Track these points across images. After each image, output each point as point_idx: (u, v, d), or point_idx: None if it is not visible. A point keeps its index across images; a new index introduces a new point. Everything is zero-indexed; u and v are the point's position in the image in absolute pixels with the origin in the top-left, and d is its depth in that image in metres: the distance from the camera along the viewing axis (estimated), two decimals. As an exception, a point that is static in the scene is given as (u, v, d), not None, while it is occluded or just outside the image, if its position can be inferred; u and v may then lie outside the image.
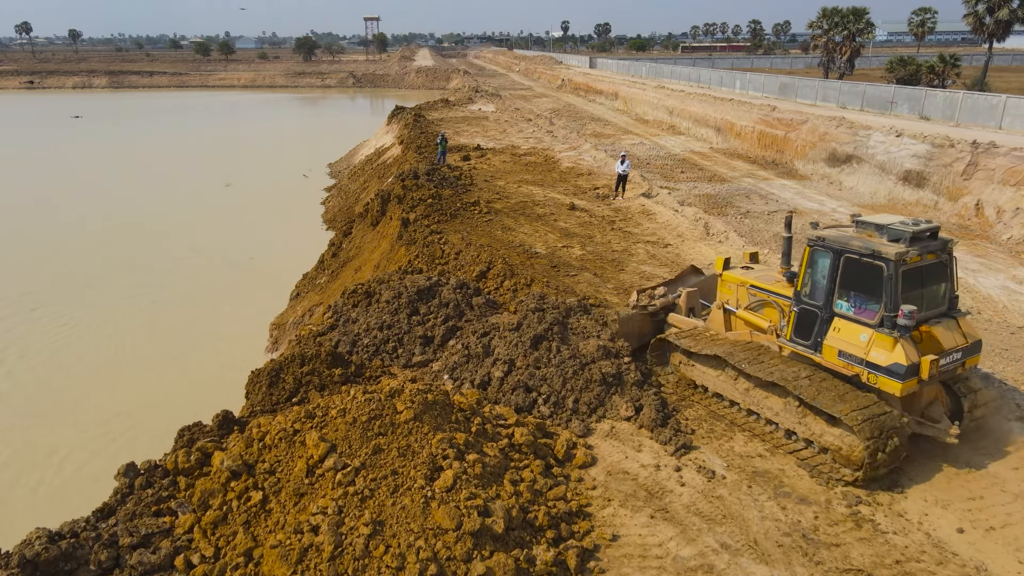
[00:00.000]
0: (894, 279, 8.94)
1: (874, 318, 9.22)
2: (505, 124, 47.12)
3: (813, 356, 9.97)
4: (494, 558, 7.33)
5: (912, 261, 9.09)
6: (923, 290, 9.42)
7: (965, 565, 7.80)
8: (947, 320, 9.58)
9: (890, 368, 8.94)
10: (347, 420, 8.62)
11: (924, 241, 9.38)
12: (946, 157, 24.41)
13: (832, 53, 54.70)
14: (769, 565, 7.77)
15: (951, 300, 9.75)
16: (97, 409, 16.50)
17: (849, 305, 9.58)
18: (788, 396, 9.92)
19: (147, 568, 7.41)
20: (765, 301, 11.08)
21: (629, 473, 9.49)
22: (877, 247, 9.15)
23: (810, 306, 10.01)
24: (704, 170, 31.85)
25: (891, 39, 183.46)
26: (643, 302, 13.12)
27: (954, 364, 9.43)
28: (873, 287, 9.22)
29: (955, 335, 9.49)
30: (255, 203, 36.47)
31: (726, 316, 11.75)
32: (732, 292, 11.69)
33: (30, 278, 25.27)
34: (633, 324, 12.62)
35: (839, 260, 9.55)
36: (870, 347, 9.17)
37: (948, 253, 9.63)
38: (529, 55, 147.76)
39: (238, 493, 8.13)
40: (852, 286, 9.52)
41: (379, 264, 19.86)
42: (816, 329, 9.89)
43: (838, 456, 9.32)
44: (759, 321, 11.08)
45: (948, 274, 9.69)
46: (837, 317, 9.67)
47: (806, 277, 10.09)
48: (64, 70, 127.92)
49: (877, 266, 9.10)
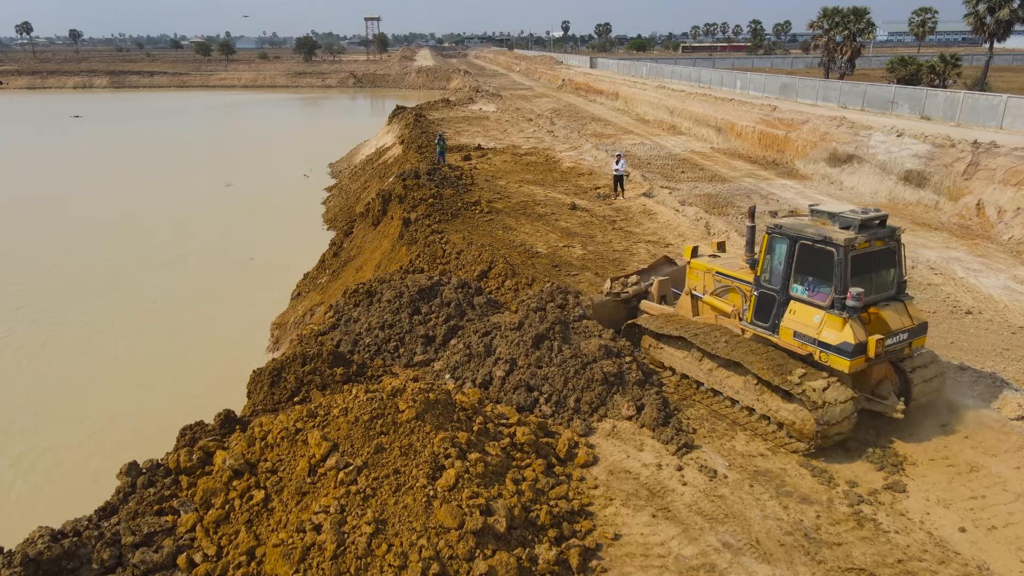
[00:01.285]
0: (844, 263, 9.50)
1: (826, 300, 9.75)
2: (506, 124, 47.12)
3: (771, 337, 10.50)
4: (496, 557, 7.33)
5: (861, 247, 9.64)
6: (872, 274, 9.98)
7: (967, 564, 7.80)
8: (895, 303, 10.15)
9: (839, 347, 9.53)
10: (349, 419, 8.62)
11: (873, 229, 9.92)
12: (947, 157, 24.40)
13: (833, 53, 54.66)
14: (771, 564, 7.77)
15: (899, 284, 10.33)
16: (99, 408, 16.51)
17: (804, 289, 10.13)
18: (747, 375, 10.52)
19: (149, 567, 7.41)
20: (729, 287, 11.63)
21: (631, 472, 9.49)
22: (829, 234, 9.69)
23: (769, 290, 10.57)
24: (705, 170, 31.86)
25: (892, 39, 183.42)
26: (616, 289, 13.68)
27: (900, 344, 10.01)
28: (825, 271, 9.77)
29: (902, 317, 10.06)
30: (256, 203, 36.49)
31: (693, 301, 12.35)
32: (699, 279, 12.26)
33: (30, 278, 25.30)
34: (606, 310, 13.19)
35: (795, 246, 10.10)
36: (822, 327, 9.76)
37: (896, 240, 10.20)
38: (530, 55, 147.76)
39: (240, 492, 8.13)
40: (806, 271, 10.07)
41: (380, 264, 19.88)
42: (774, 312, 10.44)
43: (792, 429, 9.91)
44: (723, 306, 11.65)
45: (896, 260, 10.27)
46: (793, 300, 10.23)
47: (765, 263, 10.65)
48: (65, 70, 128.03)
49: (828, 251, 9.65)
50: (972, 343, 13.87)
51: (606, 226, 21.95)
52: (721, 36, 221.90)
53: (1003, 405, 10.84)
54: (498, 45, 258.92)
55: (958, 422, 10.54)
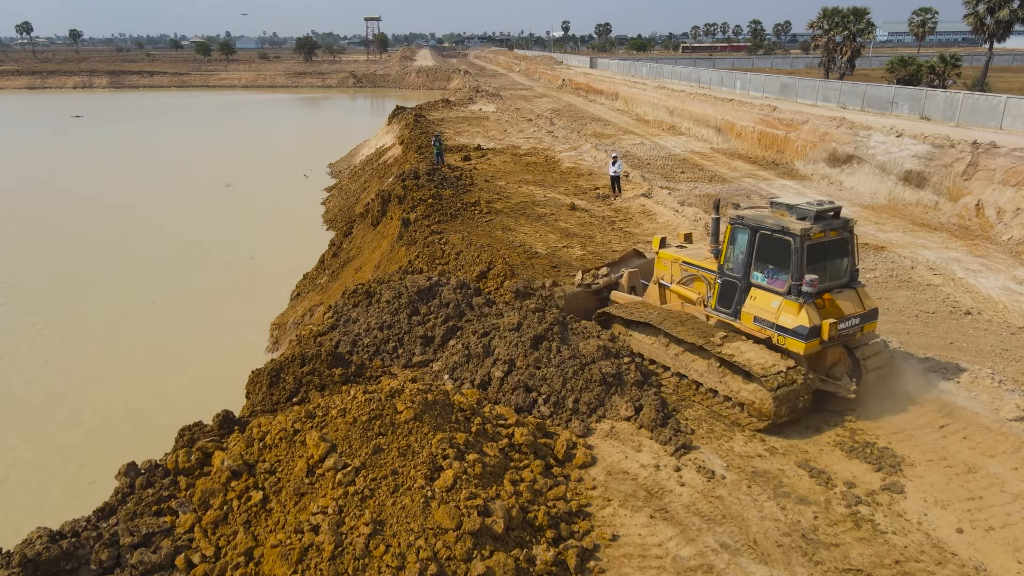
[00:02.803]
0: (800, 252, 10.10)
1: (783, 287, 10.37)
2: (506, 124, 47.12)
3: (733, 323, 11.12)
4: (494, 558, 7.34)
5: (816, 237, 10.23)
6: (826, 263, 10.55)
7: (964, 565, 7.81)
8: (848, 290, 10.78)
9: (795, 330, 10.17)
10: (347, 420, 8.63)
11: (827, 220, 10.52)
12: (946, 157, 24.41)
13: (832, 53, 54.64)
14: (768, 565, 7.78)
15: (852, 272, 10.93)
16: (98, 409, 16.52)
17: (763, 276, 10.73)
18: (710, 358, 11.00)
19: (148, 567, 7.42)
20: (695, 275, 12.25)
21: (629, 473, 9.50)
22: (786, 224, 10.29)
23: (731, 278, 11.17)
24: (704, 170, 31.86)
25: (892, 39, 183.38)
26: (587, 281, 14.17)
27: (853, 328, 10.66)
28: (783, 260, 10.37)
29: (854, 303, 10.69)
30: (256, 203, 36.52)
31: (661, 290, 12.96)
32: (667, 268, 12.89)
33: (30, 278, 25.30)
34: (578, 301, 13.78)
35: (755, 236, 10.71)
36: (779, 312, 10.38)
37: (849, 231, 10.76)
38: (530, 55, 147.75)
39: (238, 493, 8.15)
40: (766, 259, 10.67)
41: (379, 264, 19.89)
42: (736, 298, 11.06)
43: (751, 409, 10.42)
44: (689, 294, 12.29)
45: (849, 249, 10.84)
46: (753, 287, 10.85)
47: (728, 252, 11.24)
48: (65, 70, 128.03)
49: (786, 240, 10.25)
50: (971, 343, 13.88)
51: (605, 227, 21.96)
52: (721, 36, 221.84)
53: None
54: (498, 45, 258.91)
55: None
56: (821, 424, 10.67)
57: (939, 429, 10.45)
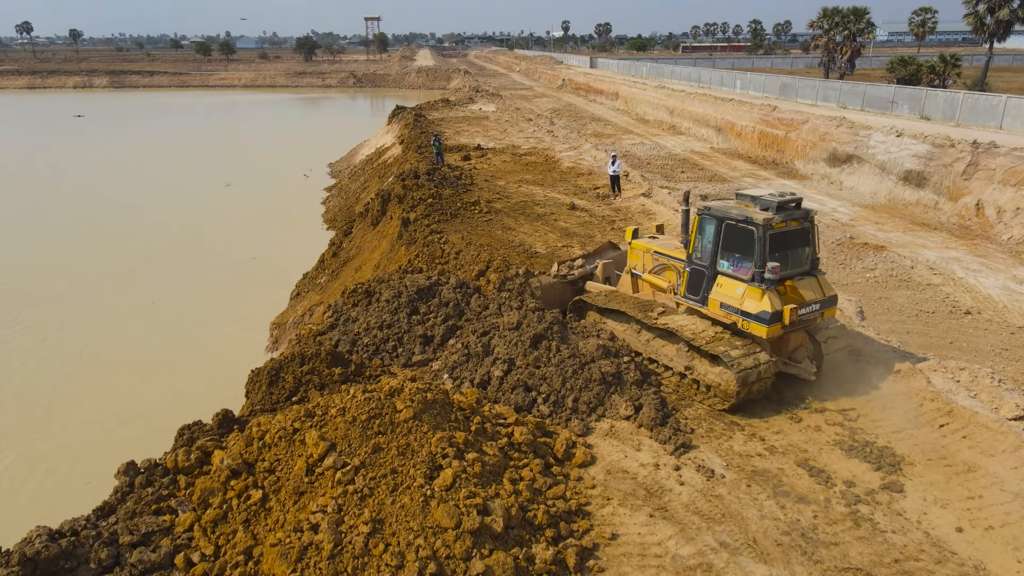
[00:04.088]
0: (763, 241, 10.58)
1: (747, 274, 10.88)
2: (505, 124, 47.11)
3: (701, 309, 11.64)
4: (493, 556, 7.34)
5: (778, 226, 10.73)
6: (788, 251, 11.05)
7: (964, 564, 7.81)
8: (809, 278, 11.28)
9: (758, 315, 10.68)
10: (347, 419, 8.63)
11: (789, 211, 11.01)
12: (946, 157, 24.40)
13: (833, 53, 54.65)
14: (768, 564, 7.78)
15: (813, 261, 11.43)
16: (97, 408, 16.53)
17: (729, 264, 11.24)
18: (680, 342, 11.51)
19: (147, 566, 7.42)
20: (666, 265, 12.76)
21: (628, 472, 9.50)
22: (750, 214, 10.79)
23: (699, 266, 11.70)
24: (704, 170, 31.86)
25: (892, 39, 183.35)
26: (563, 272, 14.61)
27: (813, 314, 11.19)
28: (747, 248, 10.88)
29: (815, 290, 11.20)
30: (255, 203, 36.50)
31: (633, 280, 13.45)
32: (639, 258, 13.41)
33: (30, 277, 25.31)
34: (554, 291, 14.22)
35: (721, 226, 11.22)
36: (744, 299, 10.90)
37: (810, 221, 11.29)
38: (530, 55, 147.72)
39: (238, 492, 8.14)
40: (731, 248, 11.19)
41: (379, 264, 19.89)
42: (704, 286, 11.58)
43: (718, 391, 10.92)
44: (660, 282, 12.77)
45: (810, 239, 11.34)
46: (720, 275, 11.36)
47: (696, 242, 11.77)
48: (65, 70, 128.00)
49: (749, 230, 10.75)
50: (971, 343, 13.89)
51: (605, 226, 21.95)
52: (721, 36, 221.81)
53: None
54: (498, 45, 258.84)
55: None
56: (821, 423, 10.67)
57: (939, 428, 10.45)
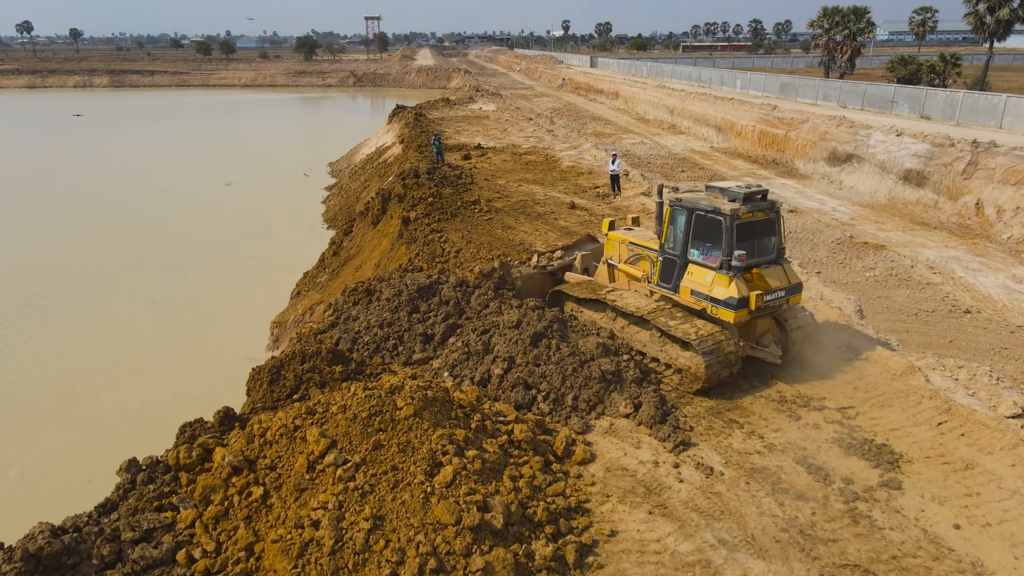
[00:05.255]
0: (730, 230, 11.07)
1: (716, 262, 11.34)
2: (506, 123, 47.13)
3: (673, 296, 12.14)
4: (493, 553, 7.38)
5: (745, 216, 11.22)
6: (754, 240, 11.54)
7: (961, 561, 7.84)
8: (775, 266, 11.78)
9: (726, 301, 11.18)
10: (348, 416, 8.67)
11: (755, 201, 11.49)
12: (946, 156, 24.43)
13: (833, 52, 54.62)
14: (766, 560, 7.82)
15: (779, 250, 11.95)
16: (99, 406, 16.57)
17: (699, 253, 11.73)
18: (652, 328, 12.00)
19: (149, 562, 7.46)
20: (641, 255, 13.21)
21: (628, 469, 9.54)
22: (718, 205, 11.29)
23: (671, 255, 12.20)
24: (705, 169, 31.88)
25: (892, 38, 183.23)
26: (543, 263, 15.07)
27: (778, 300, 11.70)
28: (716, 237, 11.35)
29: (780, 278, 11.69)
30: (256, 202, 36.53)
31: (610, 270, 13.97)
32: (615, 249, 13.85)
33: (31, 277, 25.35)
34: (534, 282, 14.65)
35: (691, 216, 11.68)
36: (713, 285, 11.38)
37: (776, 212, 11.80)
38: (530, 54, 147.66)
39: (239, 488, 8.19)
40: (701, 237, 11.67)
41: (380, 262, 19.93)
42: (675, 274, 12.08)
43: (687, 374, 11.38)
44: (635, 272, 13.24)
45: (776, 229, 11.86)
46: (690, 263, 11.83)
47: (668, 232, 12.26)
48: (65, 69, 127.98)
49: (718, 220, 11.22)
50: (971, 342, 13.92)
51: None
52: (721, 35, 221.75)
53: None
54: (498, 44, 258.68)
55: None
56: (819, 421, 10.71)
57: (937, 426, 10.48)
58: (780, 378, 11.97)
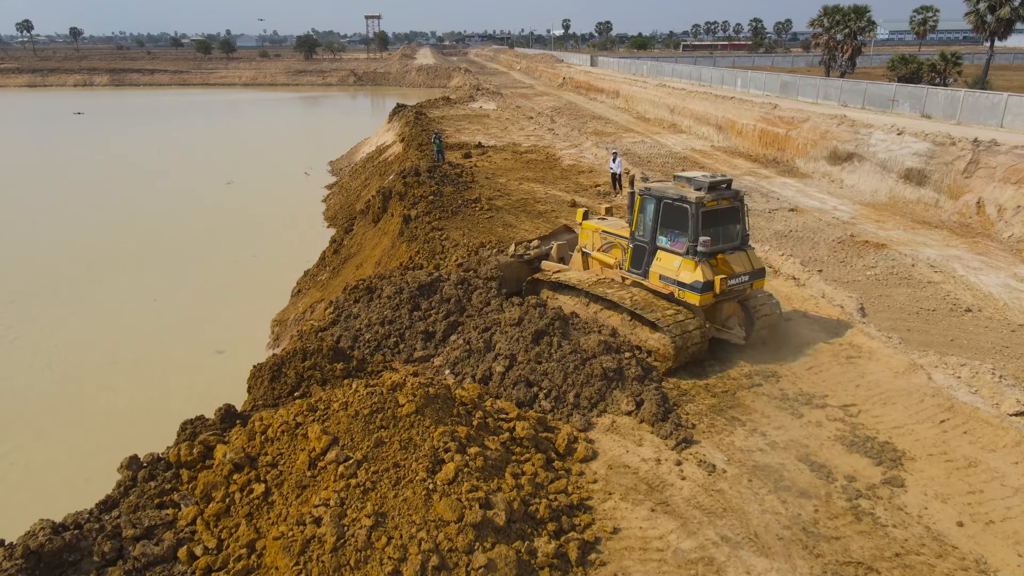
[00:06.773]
0: (696, 217, 11.60)
1: (683, 248, 11.90)
2: (506, 122, 47.11)
3: (643, 281, 12.68)
4: (495, 550, 7.36)
5: (710, 204, 11.73)
6: (719, 227, 12.04)
7: (964, 558, 7.83)
8: (739, 252, 12.30)
9: (691, 285, 11.76)
10: (349, 413, 8.65)
11: (720, 190, 12.01)
12: (947, 155, 24.40)
13: (833, 51, 54.61)
14: (769, 558, 7.80)
15: (743, 237, 12.48)
16: (101, 403, 16.56)
17: (667, 239, 12.26)
18: (623, 312, 12.53)
19: (150, 560, 7.45)
20: (613, 243, 13.69)
21: (630, 467, 9.52)
22: (685, 193, 11.82)
23: (641, 243, 12.72)
24: (705, 168, 31.83)
25: (892, 37, 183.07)
26: (520, 252, 15.42)
27: (743, 285, 12.24)
28: (682, 224, 11.90)
29: (744, 263, 12.22)
30: (256, 201, 36.52)
31: (584, 258, 14.47)
32: (589, 238, 14.34)
33: (32, 276, 25.33)
34: (512, 270, 15.04)
35: (659, 205, 12.23)
36: (680, 270, 11.95)
37: (740, 200, 12.33)
38: (530, 53, 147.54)
39: (240, 485, 8.17)
40: (669, 225, 12.19)
41: (380, 261, 19.91)
42: (645, 260, 12.60)
43: (657, 355, 11.91)
44: (608, 259, 13.75)
45: (740, 216, 12.39)
46: (659, 250, 12.40)
47: (638, 220, 12.75)
48: (65, 68, 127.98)
49: (684, 208, 11.75)
50: (972, 341, 13.90)
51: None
52: (722, 34, 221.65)
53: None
54: (499, 43, 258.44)
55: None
56: (822, 419, 10.69)
57: (939, 424, 10.47)
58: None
